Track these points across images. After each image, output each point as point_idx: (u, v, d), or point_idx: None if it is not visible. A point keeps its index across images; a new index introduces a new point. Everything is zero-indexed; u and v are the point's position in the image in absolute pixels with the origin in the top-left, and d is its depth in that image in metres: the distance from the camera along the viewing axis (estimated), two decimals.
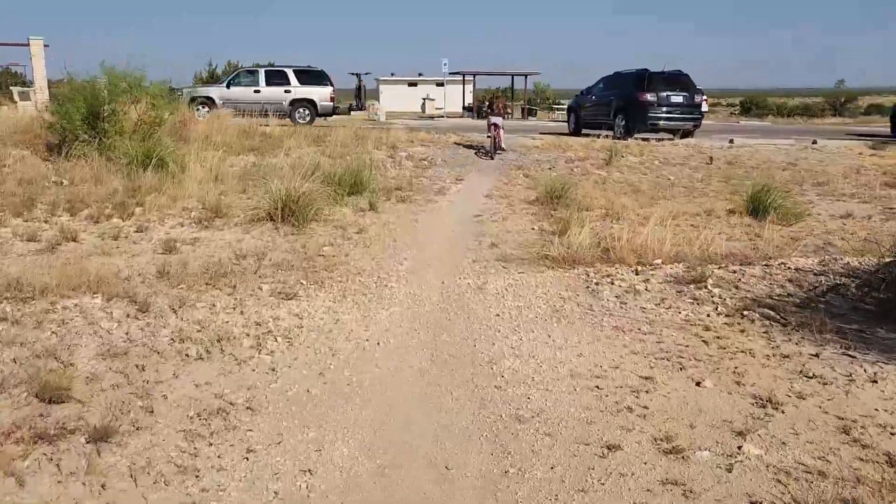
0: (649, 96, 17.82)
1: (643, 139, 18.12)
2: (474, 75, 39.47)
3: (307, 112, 20.92)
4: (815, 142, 19.00)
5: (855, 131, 26.68)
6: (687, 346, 4.22)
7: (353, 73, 37.65)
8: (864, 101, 58.26)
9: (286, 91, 20.93)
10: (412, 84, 60.08)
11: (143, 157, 10.33)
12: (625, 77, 19.14)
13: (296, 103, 20.86)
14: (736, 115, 50.88)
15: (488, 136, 15.48)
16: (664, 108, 17.95)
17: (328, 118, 21.92)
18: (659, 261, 6.00)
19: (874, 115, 50.56)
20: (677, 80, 18.36)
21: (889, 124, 23.73)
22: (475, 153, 14.79)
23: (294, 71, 21.42)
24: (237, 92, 20.26)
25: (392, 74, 62.70)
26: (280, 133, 15.29)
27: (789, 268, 5.78)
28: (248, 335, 4.29)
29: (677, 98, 18.02)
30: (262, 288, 5.17)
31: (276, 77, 21.18)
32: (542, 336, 4.40)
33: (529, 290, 5.37)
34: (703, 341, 4.28)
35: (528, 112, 39.10)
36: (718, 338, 4.33)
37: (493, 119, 15.76)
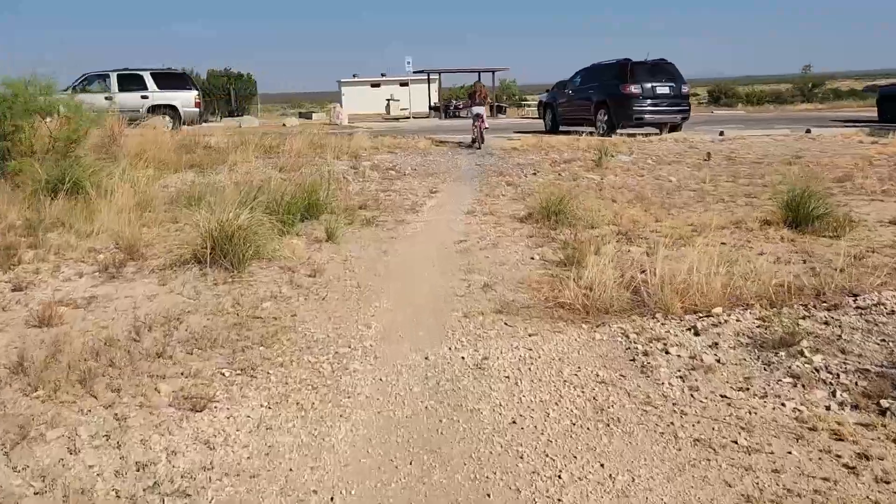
0: (633, 88, 16.42)
1: (629, 135, 16.68)
2: (439, 73, 37.87)
3: (168, 120, 18.55)
4: (808, 131, 17.77)
5: (839, 118, 25.63)
6: (825, 478, 2.66)
7: (222, 74, 35.15)
8: (832, 86, 57.94)
9: (143, 97, 18.79)
10: (375, 85, 58.26)
11: (53, 182, 8.57)
12: (605, 69, 17.70)
13: (155, 110, 18.55)
14: (705, 104, 49.97)
15: (474, 126, 15.09)
16: (650, 101, 16.58)
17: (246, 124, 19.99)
18: (719, 310, 4.43)
19: (846, 99, 50.08)
20: (662, 69, 16.99)
21: (876, 109, 22.66)
22: (448, 159, 13.18)
23: (152, 74, 19.18)
24: (85, 100, 17.69)
25: (354, 76, 60.84)
26: (227, 145, 13.52)
27: (893, 311, 4.26)
28: (116, 497, 2.63)
29: (663, 89, 16.63)
30: (161, 389, 3.48)
31: (131, 82, 18.88)
32: (592, 466, 2.79)
33: (552, 369, 3.76)
34: (848, 467, 2.73)
35: (498, 109, 37.59)
36: (865, 457, 2.77)
37: (476, 110, 15.44)
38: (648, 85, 16.42)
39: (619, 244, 6.68)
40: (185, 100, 19.28)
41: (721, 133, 17.18)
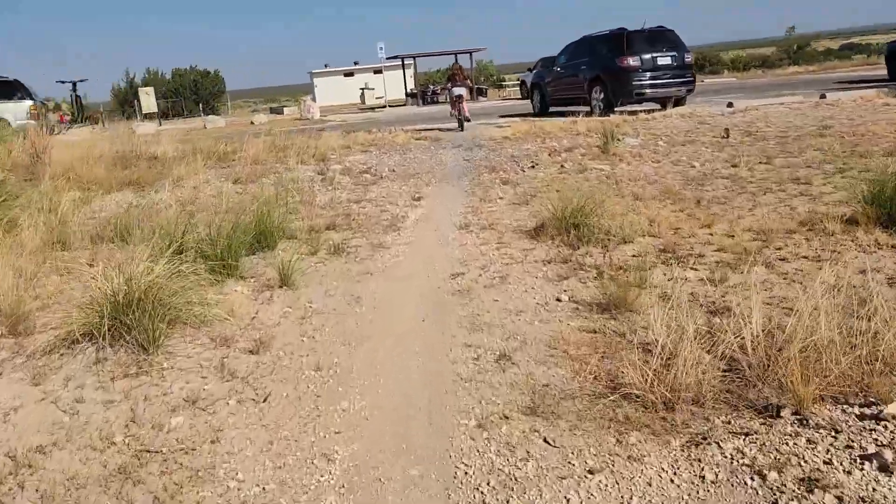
0: (632, 61, 14.73)
1: (629, 113, 15.00)
2: (414, 58, 35.98)
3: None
4: (823, 96, 16.18)
5: (844, 79, 24.09)
6: None
7: (62, 82, 33.09)
8: (818, 46, 56.59)
9: None
10: (348, 74, 56.18)
11: None
12: (598, 41, 15.98)
13: None
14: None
15: (452, 113, 14.71)
16: (651, 74, 14.91)
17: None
18: (883, 409, 2.78)
19: (831, 59, 48.70)
20: (661, 37, 15.31)
21: (885, 67, 21.13)
22: (431, 154, 11.46)
23: None
24: None
25: (326, 66, 58.66)
26: (176, 154, 11.72)
27: None
28: None
29: (665, 59, 14.96)
30: None
31: None
32: None
33: None
34: None
35: (478, 92, 35.78)
36: None
37: (456, 91, 15.00)
38: (648, 56, 14.75)
39: (667, 266, 5.04)
40: (17, 111, 16.81)
41: (729, 104, 15.55)
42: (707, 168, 9.17)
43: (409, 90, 37.37)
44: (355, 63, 56.40)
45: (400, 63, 38.03)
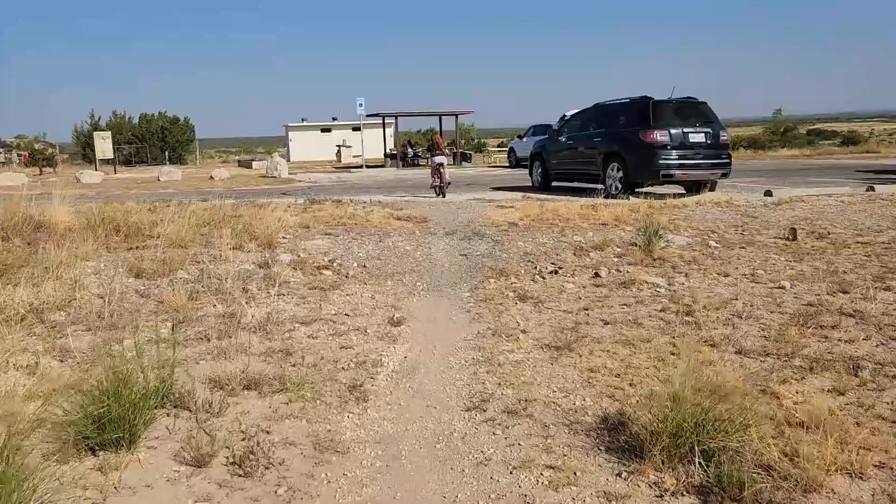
0: (659, 135, 12.28)
1: (655, 196, 12.47)
2: (395, 117, 33.72)
3: None
4: (871, 188, 13.88)
5: (866, 167, 22.12)
6: None
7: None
8: (804, 129, 55.95)
9: None
10: (325, 130, 53.92)
11: None
12: (617, 110, 13.58)
13: None
14: None
15: (433, 183, 14.55)
16: (680, 152, 12.47)
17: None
18: None
19: (821, 143, 47.68)
20: (693, 110, 12.94)
21: None
22: (416, 244, 8.68)
23: None
24: None
25: (303, 120, 56.42)
26: (75, 223, 8.82)
27: None
28: None
29: (697, 136, 12.55)
30: None
31: None
32: None
33: None
34: None
35: (462, 157, 33.51)
36: None
37: (438, 160, 14.66)
38: (678, 131, 12.34)
39: None
40: None
41: (768, 193, 13.13)
42: (805, 290, 6.52)
43: (388, 150, 34.97)
44: (334, 118, 54.28)
45: (381, 121, 35.80)
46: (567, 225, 9.48)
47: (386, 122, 35.30)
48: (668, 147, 12.29)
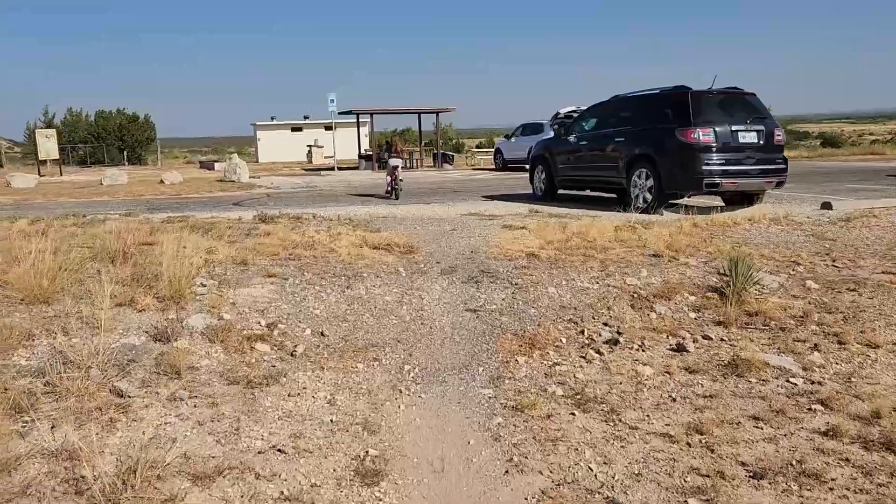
0: (702, 135, 9.79)
1: (696, 211, 9.94)
2: (371, 114, 30.97)
3: None
4: None
5: (884, 169, 19.88)
6: None
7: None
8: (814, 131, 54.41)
9: None
10: (296, 129, 50.85)
11: None
12: (646, 103, 11.05)
13: None
14: None
15: (388, 191, 14.96)
16: (728, 156, 9.97)
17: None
18: None
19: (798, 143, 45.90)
20: (741, 104, 10.45)
21: None
22: (403, 290, 6.00)
23: None
24: None
25: (273, 118, 53.29)
26: None
27: None
28: None
29: (748, 136, 10.08)
30: None
31: None
32: None
33: None
34: None
35: (444, 159, 30.89)
36: None
37: (393, 162, 15.07)
38: (724, 129, 9.83)
39: None
40: None
41: (826, 205, 10.67)
42: None
43: (362, 151, 32.22)
44: (305, 117, 51.26)
45: (355, 120, 33.03)
46: (606, 256, 6.90)
47: (361, 120, 32.55)
48: (713, 149, 9.78)
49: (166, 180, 21.57)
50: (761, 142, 10.06)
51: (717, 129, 9.84)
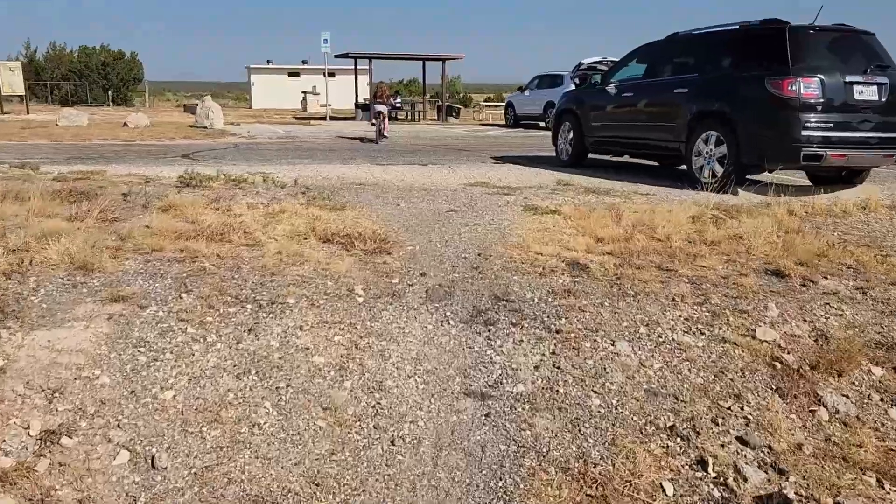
0: (803, 86, 7.06)
1: (775, 190, 7.21)
2: (370, 59, 27.92)
3: None
4: None
5: None
6: None
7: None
8: None
9: None
10: (293, 74, 47.43)
11: None
12: (720, 42, 8.28)
13: None
14: None
15: (372, 124, 15.66)
16: (839, 117, 7.22)
17: None
18: None
19: None
20: (856, 46, 7.65)
21: None
22: (347, 338, 3.35)
23: None
24: None
25: (269, 62, 49.89)
26: None
27: None
28: None
29: (867, 91, 7.32)
30: None
31: None
32: None
33: None
34: None
35: (449, 111, 27.97)
36: None
37: (378, 107, 15.65)
38: (835, 80, 7.06)
39: None
40: None
41: None
42: None
43: (360, 100, 29.24)
44: (304, 62, 47.91)
45: (353, 66, 29.90)
46: (698, 272, 4.23)
47: (361, 68, 29.42)
48: (818, 107, 7.02)
49: (130, 123, 18.77)
50: (883, 99, 7.28)
51: (824, 79, 7.05)
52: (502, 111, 28.96)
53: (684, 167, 8.54)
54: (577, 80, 17.77)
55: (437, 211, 5.79)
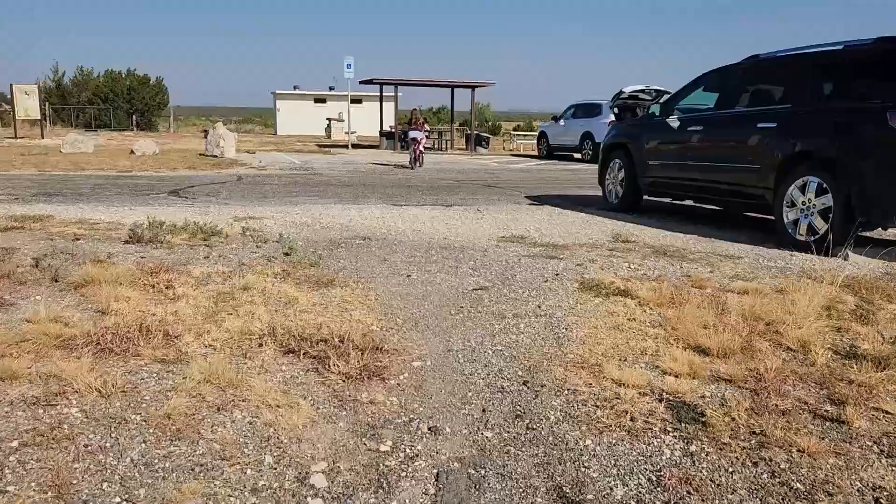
0: None
1: (882, 252, 5.50)
2: (395, 85, 26.67)
3: None
4: None
5: None
6: None
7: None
8: None
9: None
10: (319, 100, 46.52)
11: None
12: (820, 67, 6.67)
13: None
14: None
15: (411, 150, 16.44)
16: None
17: None
18: None
19: None
20: None
21: None
22: None
23: None
24: None
25: (295, 87, 49.13)
26: None
27: None
28: None
29: None
30: None
31: None
32: None
33: None
34: None
35: (478, 142, 26.57)
36: None
37: (413, 134, 16.54)
38: None
39: None
40: None
41: None
42: None
43: (386, 127, 27.99)
44: (331, 88, 47.04)
45: (387, 92, 28.63)
46: (889, 429, 2.56)
47: (386, 94, 28.16)
48: None
49: (137, 151, 17.59)
50: None
51: None
52: (534, 141, 27.49)
53: (761, 213, 6.92)
54: (616, 110, 16.26)
55: (460, 289, 4.21)
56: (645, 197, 8.83)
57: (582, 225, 7.31)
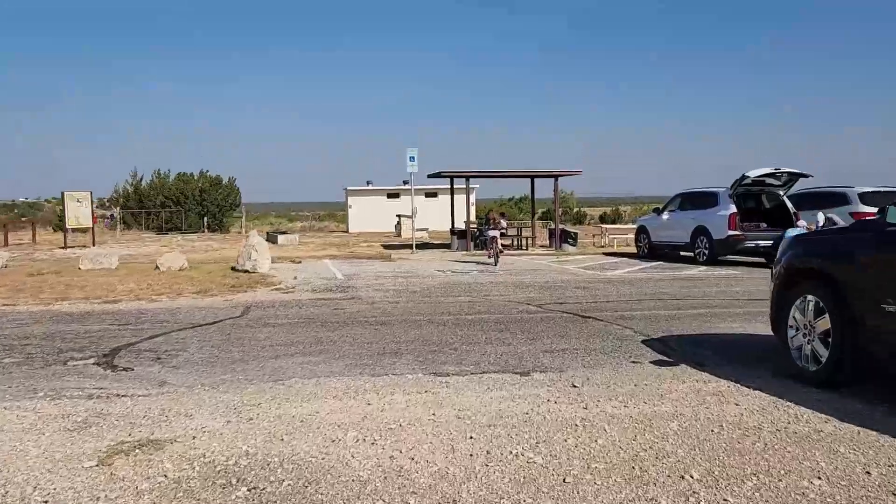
0: None
1: None
2: (466, 177, 23.76)
3: None
4: None
5: None
6: None
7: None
8: None
9: None
10: (392, 195, 44.35)
11: None
12: None
13: None
14: None
15: (489, 249, 16.71)
16: None
17: None
18: None
19: None
20: None
21: None
22: None
23: None
24: None
25: (368, 183, 47.38)
26: None
27: None
28: None
29: None
30: None
31: None
32: None
33: None
34: None
35: (564, 238, 23.07)
36: None
37: (491, 233, 16.65)
38: None
39: None
40: None
41: None
42: None
43: (455, 226, 24.96)
44: (405, 182, 44.94)
45: (462, 186, 25.80)
46: None
47: (458, 187, 25.29)
48: None
49: (162, 266, 14.99)
50: None
51: None
52: (627, 235, 23.79)
53: None
54: (735, 197, 13.44)
55: None
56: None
57: (777, 438, 3.60)
